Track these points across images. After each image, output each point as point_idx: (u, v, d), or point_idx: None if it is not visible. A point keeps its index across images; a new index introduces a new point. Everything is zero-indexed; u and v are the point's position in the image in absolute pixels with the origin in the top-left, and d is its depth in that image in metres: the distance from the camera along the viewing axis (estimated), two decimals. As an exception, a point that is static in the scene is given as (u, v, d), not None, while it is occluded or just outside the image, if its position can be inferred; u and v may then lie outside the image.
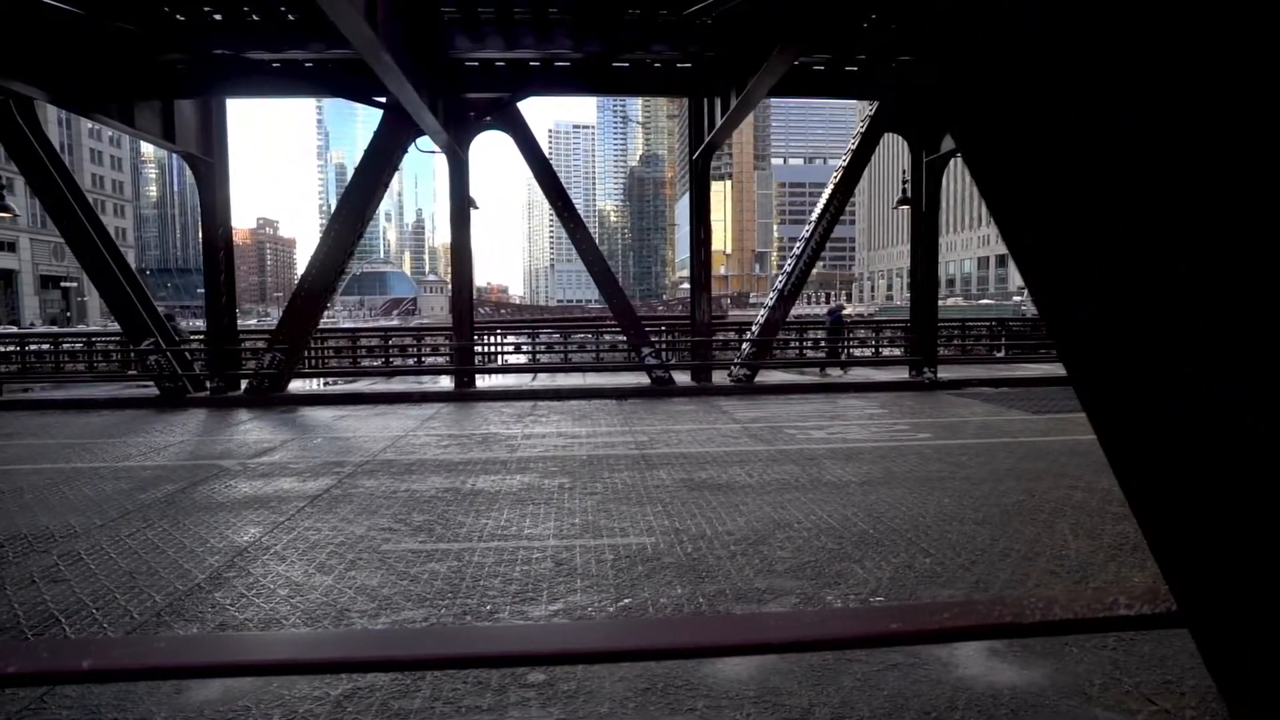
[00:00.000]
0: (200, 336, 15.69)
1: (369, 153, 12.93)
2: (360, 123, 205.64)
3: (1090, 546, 4.57)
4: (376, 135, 12.88)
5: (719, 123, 12.60)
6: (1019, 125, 0.94)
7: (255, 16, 11.37)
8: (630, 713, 2.78)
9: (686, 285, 14.93)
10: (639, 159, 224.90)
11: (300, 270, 13.95)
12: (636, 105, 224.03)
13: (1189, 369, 0.82)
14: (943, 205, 15.02)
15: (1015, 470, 6.73)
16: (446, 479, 6.78)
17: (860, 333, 20.31)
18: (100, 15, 10.70)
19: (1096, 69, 0.79)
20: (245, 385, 13.21)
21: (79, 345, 19.65)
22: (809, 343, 18.62)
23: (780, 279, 14.65)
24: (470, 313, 14.13)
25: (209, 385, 13.46)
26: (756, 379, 14.08)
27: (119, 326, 13.78)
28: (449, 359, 15.54)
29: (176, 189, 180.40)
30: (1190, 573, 1.14)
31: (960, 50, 0.99)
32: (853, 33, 12.03)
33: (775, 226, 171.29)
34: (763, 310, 14.82)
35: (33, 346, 18.47)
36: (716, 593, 3.97)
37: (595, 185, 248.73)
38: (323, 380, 15.55)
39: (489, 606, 3.82)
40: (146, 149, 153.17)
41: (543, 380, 15.06)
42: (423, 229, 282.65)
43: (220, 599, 3.96)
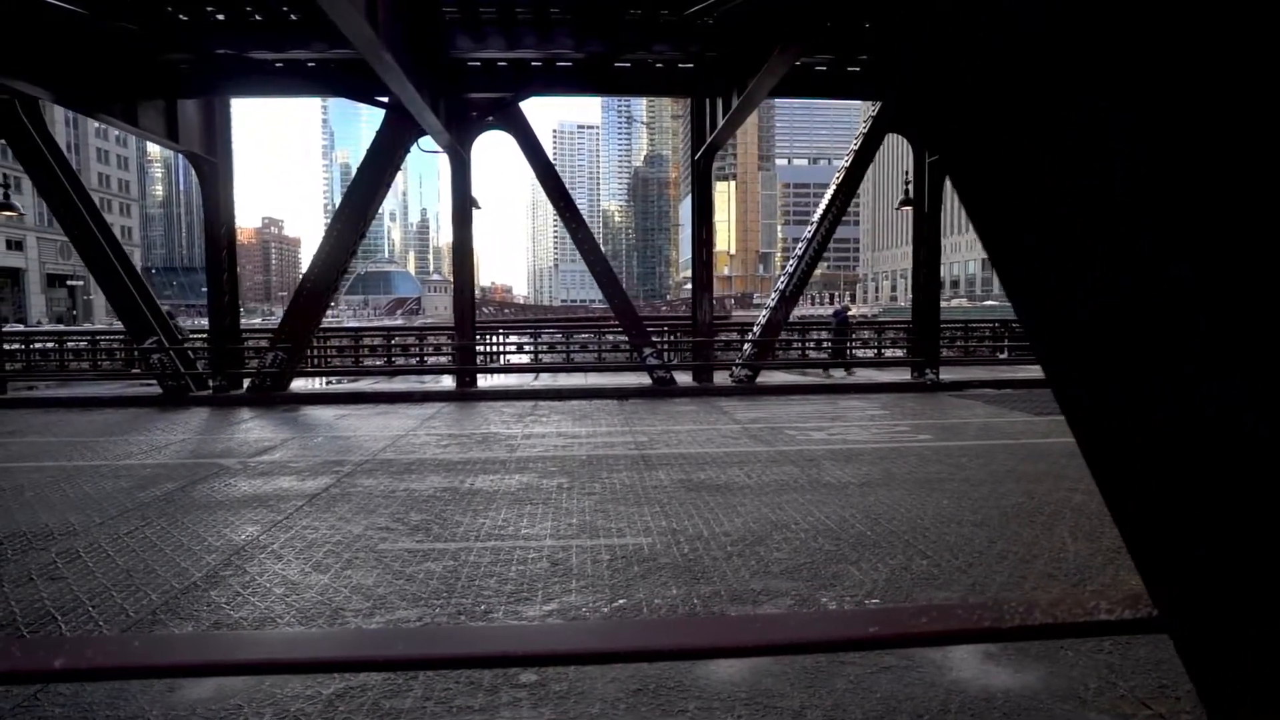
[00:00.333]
0: (202, 336, 15.75)
1: (371, 152, 12.95)
2: (365, 122, 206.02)
3: (1089, 549, 4.55)
4: (379, 135, 12.91)
5: (721, 123, 12.59)
6: (1019, 125, 0.94)
7: (258, 16, 11.40)
8: (621, 714, 2.77)
9: (690, 285, 14.92)
10: (643, 159, 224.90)
11: (305, 269, 14.00)
12: (641, 105, 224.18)
13: (1189, 369, 0.82)
14: (946, 206, 14.97)
15: (1015, 472, 6.70)
16: (445, 478, 6.79)
17: (864, 334, 20.27)
18: (103, 15, 10.75)
19: (1096, 69, 0.79)
20: (247, 384, 13.26)
21: (83, 344, 19.76)
22: (811, 343, 18.59)
23: (782, 280, 14.63)
24: (472, 312, 14.14)
25: (211, 384, 13.50)
26: (758, 379, 14.06)
27: (123, 325, 13.86)
28: (451, 359, 15.57)
29: (182, 188, 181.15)
30: (1174, 577, 1.13)
31: (960, 50, 0.99)
32: (854, 33, 12.01)
33: (779, 227, 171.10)
34: (764, 311, 14.80)
35: (38, 345, 18.59)
36: (711, 594, 3.97)
37: (600, 185, 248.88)
38: (325, 379, 15.58)
39: (483, 606, 3.82)
40: (153, 148, 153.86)
41: (544, 380, 15.07)
42: (427, 229, 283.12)
43: (216, 597, 3.96)
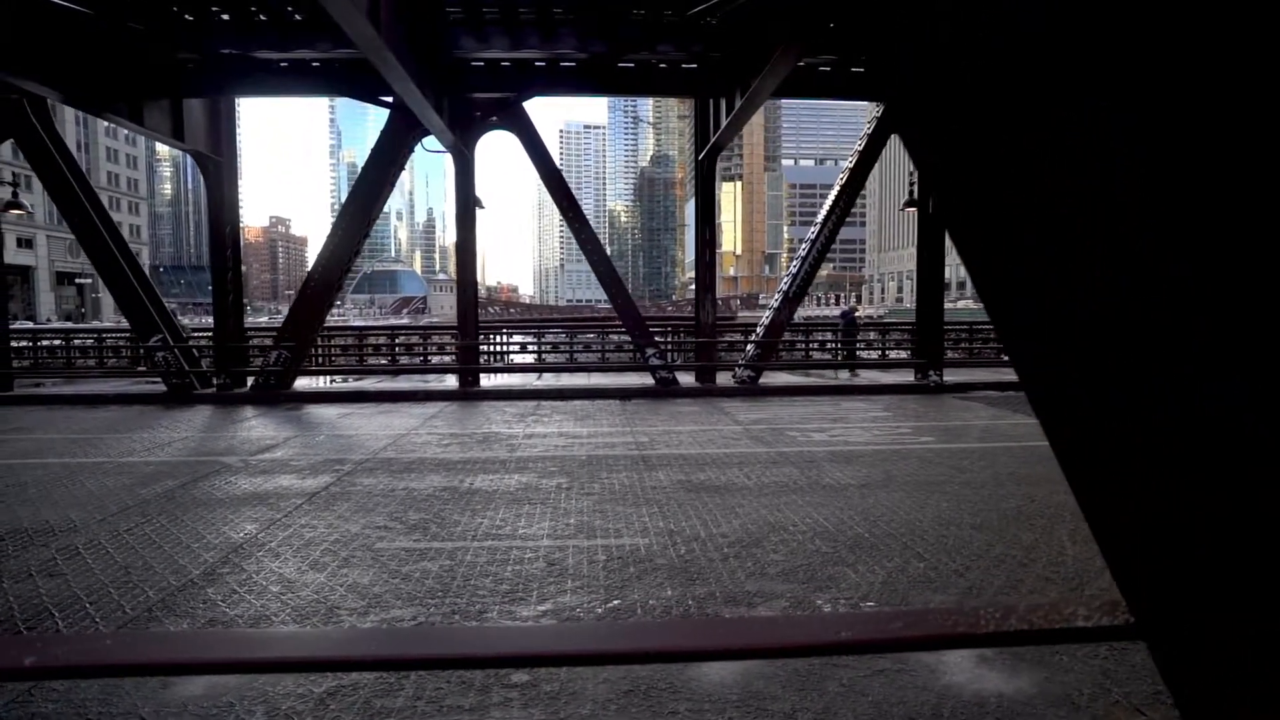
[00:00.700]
0: (207, 334, 15.83)
1: (375, 152, 12.99)
2: (372, 122, 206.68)
3: (1088, 552, 4.51)
4: (383, 134, 12.94)
5: (724, 123, 12.57)
6: (1019, 125, 0.94)
7: (262, 16, 11.46)
8: (612, 714, 2.77)
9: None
10: (649, 159, 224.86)
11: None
12: (647, 105, 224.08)
13: (1189, 369, 0.81)
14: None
15: (1016, 475, 6.66)
16: (445, 478, 6.80)
17: (868, 335, 20.20)
18: (109, 15, 10.82)
19: (1096, 69, 0.79)
20: (251, 382, 13.32)
21: (90, 342, 19.89)
22: (815, 344, 18.55)
23: (786, 281, 14.59)
24: (475, 312, 14.16)
25: (215, 382, 13.57)
26: (761, 380, 14.04)
27: (129, 323, 13.95)
28: (454, 358, 15.60)
29: (190, 186, 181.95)
30: (1151, 584, 1.12)
31: (960, 50, 0.99)
32: (857, 34, 11.96)
33: (785, 228, 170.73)
34: (768, 312, 14.77)
35: (45, 342, 18.72)
36: (706, 595, 3.96)
37: (606, 185, 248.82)
38: (328, 378, 15.63)
39: (478, 606, 3.82)
40: (162, 147, 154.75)
41: (547, 380, 15.09)
42: (434, 228, 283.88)
43: (212, 595, 3.98)
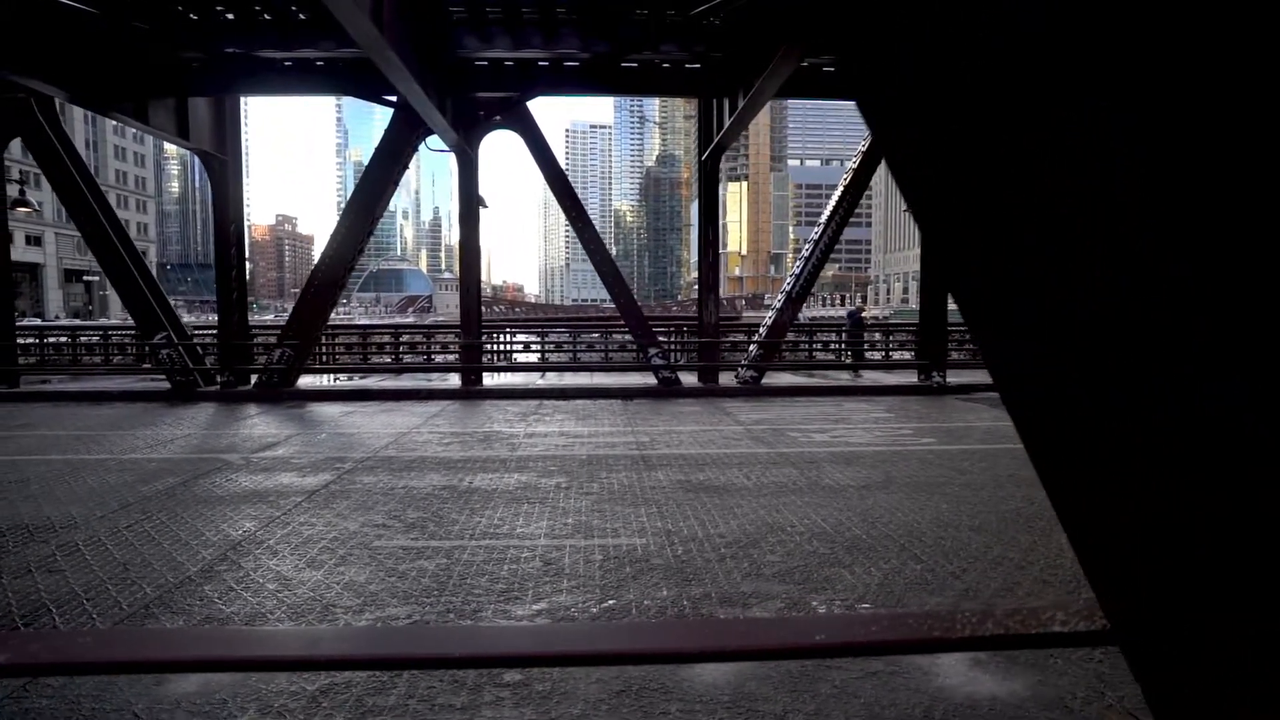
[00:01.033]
0: (211, 331, 15.91)
1: (379, 151, 13.02)
2: (378, 121, 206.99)
3: (1086, 556, 4.49)
4: (387, 134, 12.97)
5: (727, 123, 12.56)
6: (1019, 125, 0.93)
7: (266, 16, 11.50)
8: (603, 715, 2.77)
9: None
10: (655, 159, 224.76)
11: (315, 266, 14.11)
12: (653, 105, 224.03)
13: (1189, 369, 0.81)
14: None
15: (1016, 477, 6.63)
16: (444, 476, 6.81)
17: (872, 335, 20.15)
18: (114, 14, 10.87)
19: (1096, 69, 0.79)
20: (255, 380, 13.36)
21: (95, 339, 20.01)
22: (818, 345, 18.51)
23: (789, 281, 14.57)
24: (478, 311, 14.19)
25: (219, 380, 13.63)
26: (764, 381, 14.02)
27: (133, 321, 14.02)
28: (457, 357, 15.63)
29: (198, 185, 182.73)
30: (1127, 589, 1.11)
31: (960, 50, 0.98)
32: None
33: (791, 228, 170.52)
34: (771, 312, 14.75)
35: (51, 339, 18.84)
36: (702, 595, 3.95)
37: (611, 185, 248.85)
38: (332, 376, 15.68)
39: (473, 605, 3.82)
40: (169, 146, 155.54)
41: (550, 379, 15.10)
42: (439, 227, 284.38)
43: (209, 592, 4.00)
